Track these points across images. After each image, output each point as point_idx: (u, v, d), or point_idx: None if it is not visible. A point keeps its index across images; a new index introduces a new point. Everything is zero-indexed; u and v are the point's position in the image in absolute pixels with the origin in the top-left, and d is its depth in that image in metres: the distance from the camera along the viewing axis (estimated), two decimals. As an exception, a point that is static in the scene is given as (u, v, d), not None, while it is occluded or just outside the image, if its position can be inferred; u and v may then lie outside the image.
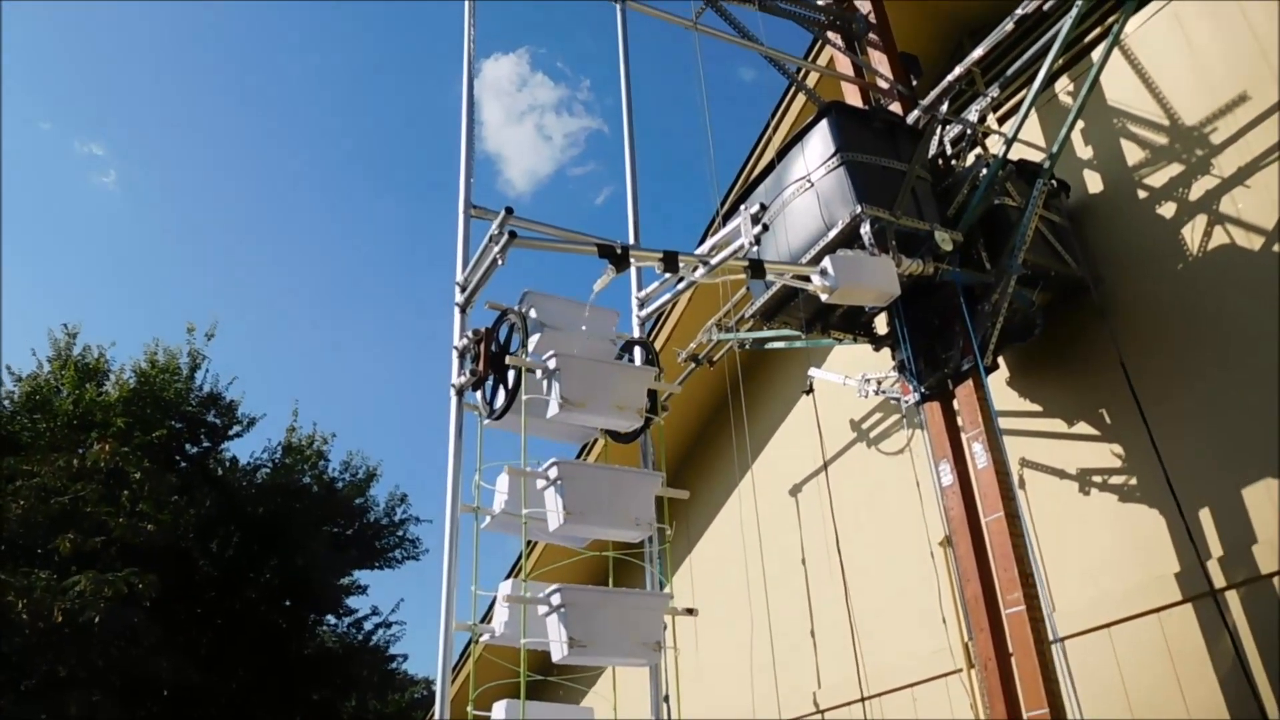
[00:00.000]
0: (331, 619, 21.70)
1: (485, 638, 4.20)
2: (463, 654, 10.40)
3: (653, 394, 4.65)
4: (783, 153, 6.12)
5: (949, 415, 5.70)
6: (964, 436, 5.57)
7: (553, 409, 4.26)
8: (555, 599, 3.86)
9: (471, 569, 4.06)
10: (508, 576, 4.41)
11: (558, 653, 3.83)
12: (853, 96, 6.99)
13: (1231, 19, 5.64)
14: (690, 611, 4.33)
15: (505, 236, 4.40)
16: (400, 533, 22.28)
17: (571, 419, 4.39)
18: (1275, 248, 5.22)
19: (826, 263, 4.85)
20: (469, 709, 4.01)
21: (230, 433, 20.43)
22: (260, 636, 18.87)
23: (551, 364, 4.28)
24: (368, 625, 21.72)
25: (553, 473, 4.11)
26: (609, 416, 4.46)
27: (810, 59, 7.48)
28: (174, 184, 47.83)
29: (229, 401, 20.31)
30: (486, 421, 4.47)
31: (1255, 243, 5.31)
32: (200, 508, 18.16)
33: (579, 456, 8.45)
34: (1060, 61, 6.34)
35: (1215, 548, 5.13)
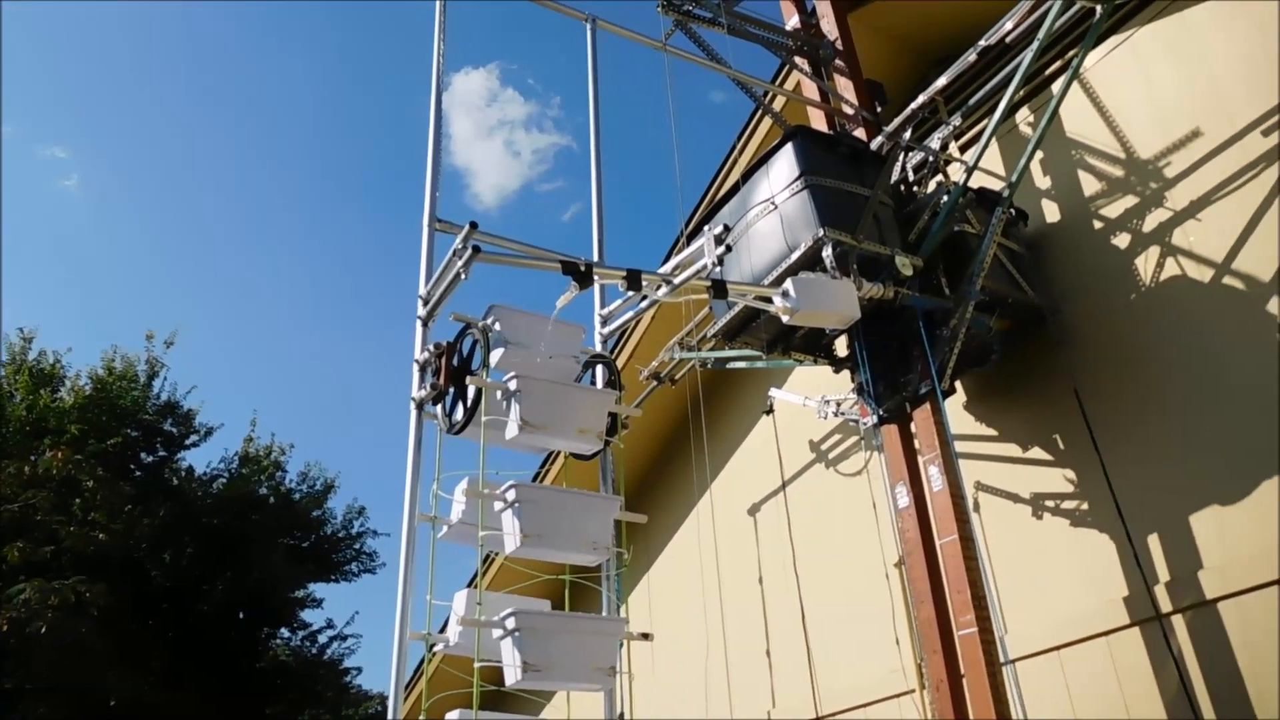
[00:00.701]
0: (285, 632, 21.42)
1: (440, 648, 4.18)
2: (420, 666, 10.32)
3: (613, 415, 4.67)
4: (748, 175, 6.18)
5: (906, 438, 5.76)
6: (921, 459, 5.63)
7: (512, 430, 4.26)
8: (510, 623, 3.83)
9: (428, 579, 4.05)
10: (470, 585, 4.39)
11: (511, 677, 3.81)
12: (818, 121, 7.08)
13: (1187, 56, 5.79)
14: (646, 636, 4.31)
15: (469, 251, 4.41)
16: (357, 545, 22.03)
17: (531, 441, 4.39)
18: (1224, 281, 5.34)
19: (788, 285, 4.91)
20: (422, 718, 4.00)
21: (187, 442, 20.14)
22: (214, 650, 18.57)
23: (512, 385, 4.28)
24: (322, 638, 21.47)
25: (510, 495, 4.09)
26: (569, 439, 4.47)
27: (777, 83, 7.57)
28: (137, 190, 47.31)
29: (187, 410, 20.04)
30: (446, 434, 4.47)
31: (1205, 275, 5.44)
32: (155, 518, 17.86)
33: (541, 467, 8.45)
34: (1021, 93, 6.47)
35: (1163, 573, 5.21)
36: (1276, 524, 4.79)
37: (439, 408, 4.51)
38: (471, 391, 4.36)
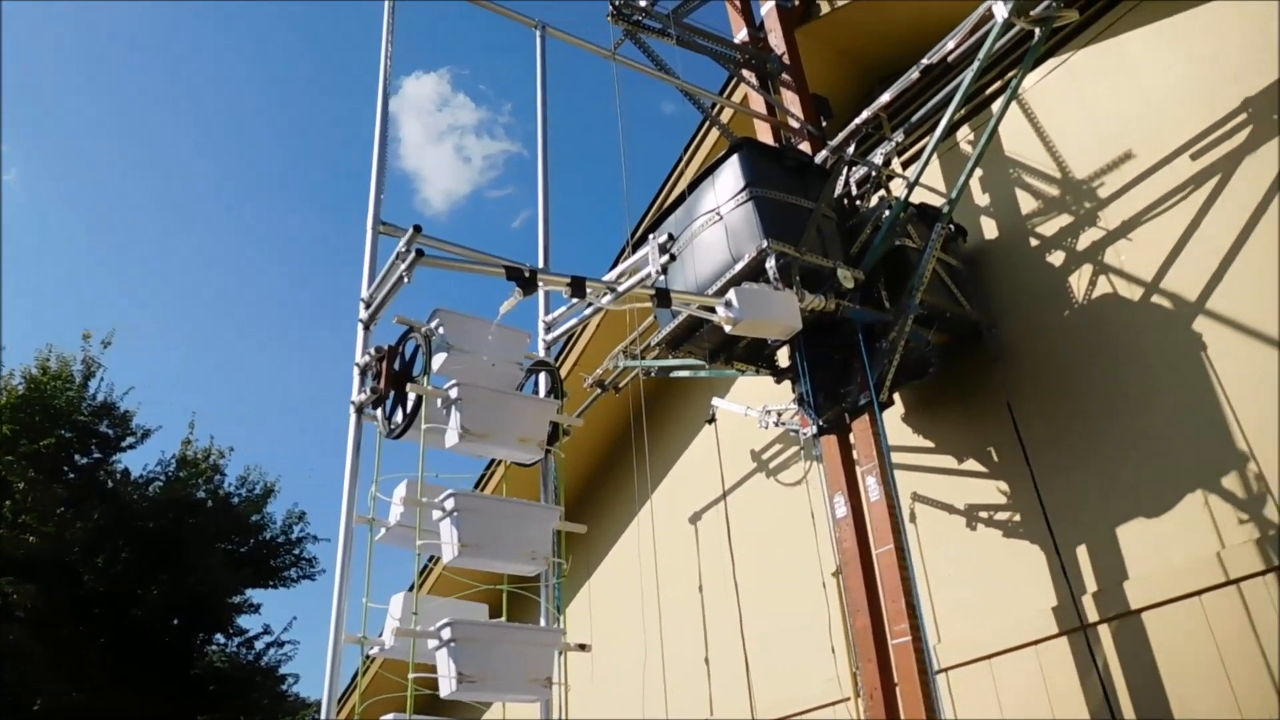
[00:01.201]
0: (222, 638, 21.05)
1: (375, 651, 4.14)
2: (358, 673, 10.21)
3: (555, 423, 4.67)
4: (694, 185, 6.23)
5: (845, 449, 5.84)
6: (859, 470, 5.71)
7: (452, 438, 4.23)
8: (446, 633, 3.78)
9: (365, 581, 4.02)
10: (409, 590, 4.34)
11: (446, 688, 3.75)
12: (764, 134, 7.16)
13: (1122, 80, 5.95)
14: (583, 647, 4.29)
15: (412, 254, 4.39)
16: (297, 551, 21.73)
17: (471, 449, 4.37)
18: (1153, 300, 5.49)
19: (731, 295, 4.95)
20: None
21: (123, 444, 19.74)
22: (148, 656, 18.19)
23: (453, 393, 4.25)
24: (259, 645, 21.13)
25: (449, 504, 4.04)
26: (510, 449, 4.43)
27: (725, 95, 7.64)
28: (77, 187, 46.29)
29: (124, 412, 19.64)
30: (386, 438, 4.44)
31: (1135, 293, 5.58)
32: (88, 521, 17.48)
33: (484, 472, 8.42)
34: (962, 112, 6.60)
35: (1091, 583, 5.34)
36: (1198, 536, 4.93)
37: (379, 411, 4.48)
38: (412, 398, 4.34)
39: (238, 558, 20.74)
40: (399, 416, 4.41)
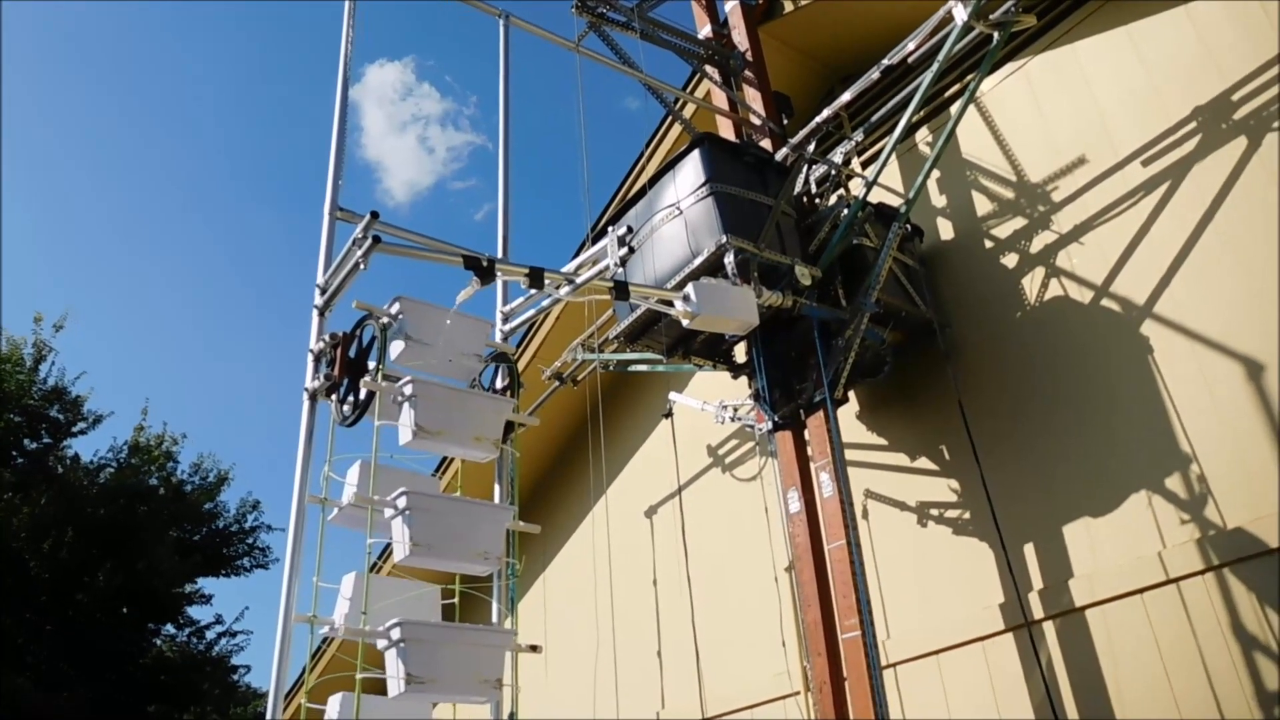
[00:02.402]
0: (171, 628, 20.79)
1: (325, 630, 4.10)
2: (315, 654, 10.14)
3: (510, 422, 4.65)
4: (655, 179, 6.24)
5: (800, 445, 5.88)
6: (813, 466, 5.75)
7: (405, 436, 4.21)
8: (395, 633, 3.73)
9: (316, 561, 3.99)
10: (374, 570, 4.29)
11: (394, 689, 3.70)
12: (726, 130, 7.18)
13: (1076, 86, 6.04)
14: (534, 648, 4.23)
15: (369, 241, 4.36)
16: (250, 540, 21.53)
17: (425, 446, 4.33)
18: (1103, 303, 5.58)
19: (690, 289, 4.97)
20: (303, 701, 3.92)
21: (74, 429, 19.45)
22: (95, 644, 17.93)
23: (408, 390, 4.23)
24: (210, 635, 20.90)
25: (401, 502, 4.00)
26: (464, 447, 4.41)
27: (688, 90, 7.66)
28: (28, 169, 45.42)
29: (75, 397, 19.35)
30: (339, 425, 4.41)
31: (1086, 296, 5.67)
32: (35, 506, 17.20)
33: (442, 459, 8.37)
34: (921, 113, 6.67)
35: (1037, 581, 5.42)
36: (1141, 536, 5.03)
37: (333, 398, 4.45)
38: (364, 392, 4.31)
39: (189, 546, 20.50)
40: (353, 404, 4.39)
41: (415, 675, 3.68)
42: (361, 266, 4.41)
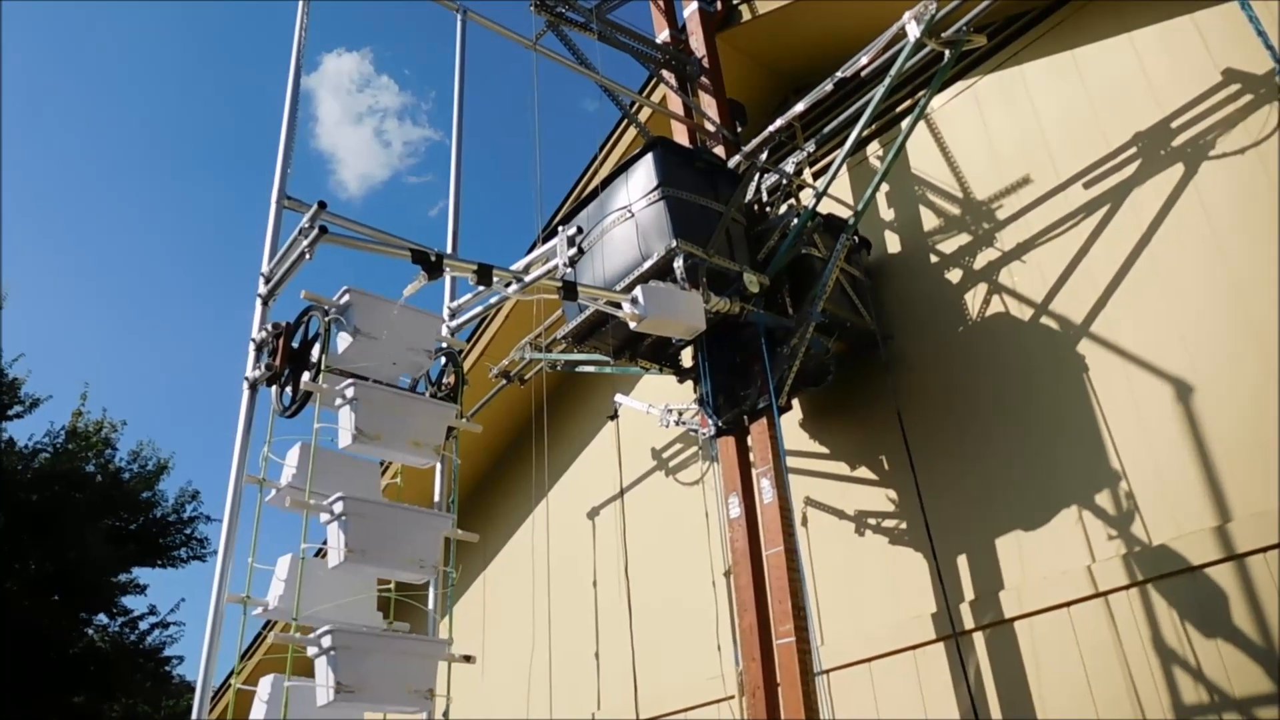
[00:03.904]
0: (104, 618, 20.37)
1: (258, 612, 4.05)
2: (255, 640, 9.98)
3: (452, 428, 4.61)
4: (608, 181, 6.26)
5: (742, 450, 5.92)
6: (754, 472, 5.79)
7: (345, 439, 4.15)
8: (326, 640, 3.64)
9: (251, 542, 3.95)
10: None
11: (323, 698, 3.61)
12: (680, 135, 7.22)
13: (1022, 107, 6.16)
14: (468, 659, 4.16)
15: (316, 230, 4.31)
16: (188, 530, 21.19)
17: (365, 450, 4.27)
18: (1041, 321, 5.70)
19: (638, 292, 4.99)
20: (234, 681, 3.87)
21: (9, 412, 19.01)
22: (21, 632, 17.50)
23: (349, 392, 4.17)
24: (144, 625, 20.52)
25: (338, 508, 3.94)
26: (404, 452, 4.36)
27: (644, 94, 7.68)
28: (-29, 140, 44.16)
29: (11, 379, 18.93)
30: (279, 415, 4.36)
31: (1025, 314, 5.79)
32: (-35, 490, 16.80)
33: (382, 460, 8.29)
34: (873, 127, 6.76)
35: (968, 592, 5.52)
36: (1070, 550, 5.15)
37: (274, 389, 4.40)
38: (305, 379, 4.25)
39: (124, 535, 20.11)
40: (293, 395, 4.34)
41: (345, 684, 3.60)
42: (307, 256, 4.35)
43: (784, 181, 6.48)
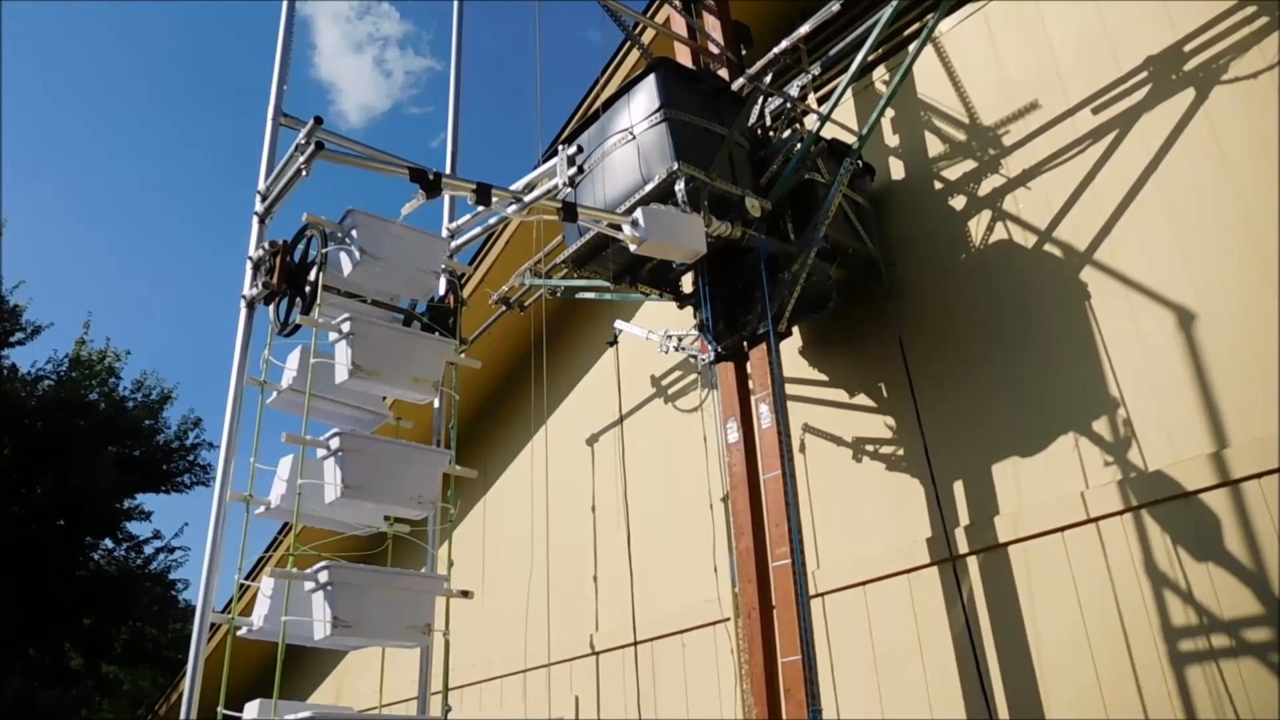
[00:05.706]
0: (109, 543, 20.65)
1: (260, 510, 4.08)
2: (251, 572, 10.12)
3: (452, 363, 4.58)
4: (609, 102, 6.17)
5: (741, 376, 5.93)
6: (753, 398, 5.80)
7: (341, 374, 4.08)
8: (323, 576, 3.65)
9: (253, 443, 3.98)
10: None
11: (320, 632, 3.64)
12: (684, 57, 7.09)
13: (1032, 30, 6.04)
14: (466, 594, 4.18)
15: (311, 147, 4.26)
16: (191, 457, 21.39)
17: (362, 386, 4.22)
18: (1045, 248, 5.66)
19: (638, 214, 4.94)
20: (237, 578, 3.92)
21: (11, 339, 19.05)
22: (30, 556, 17.76)
23: (345, 326, 4.09)
24: (149, 550, 20.83)
25: (334, 443, 3.91)
26: (402, 388, 4.28)
27: (648, 14, 7.54)
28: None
29: (13, 306, 18.95)
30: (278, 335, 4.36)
31: (1029, 241, 5.74)
32: (-31, 416, 16.91)
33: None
34: (880, 51, 6.65)
35: (964, 517, 5.56)
36: (1065, 476, 5.17)
37: (271, 307, 4.39)
38: (297, 315, 4.22)
39: (128, 461, 20.31)
40: (293, 316, 4.32)
41: (341, 619, 3.61)
42: (304, 173, 4.31)
43: (788, 105, 6.38)
